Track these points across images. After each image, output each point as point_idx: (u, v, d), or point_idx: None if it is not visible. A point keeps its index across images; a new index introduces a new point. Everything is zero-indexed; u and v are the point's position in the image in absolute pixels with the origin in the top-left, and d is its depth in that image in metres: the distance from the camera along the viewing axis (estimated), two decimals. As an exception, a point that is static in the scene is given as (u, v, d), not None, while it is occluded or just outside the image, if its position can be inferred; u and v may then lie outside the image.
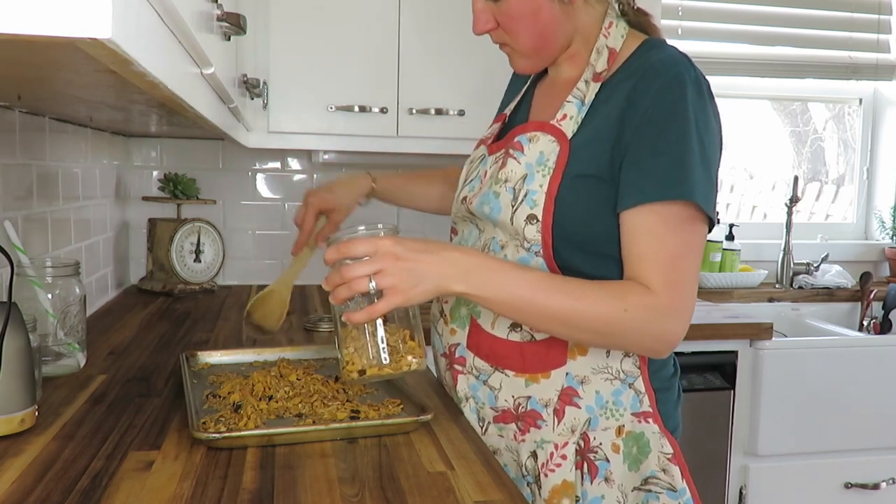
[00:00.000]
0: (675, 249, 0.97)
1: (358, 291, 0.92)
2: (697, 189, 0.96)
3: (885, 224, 2.83)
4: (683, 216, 0.97)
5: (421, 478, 0.88)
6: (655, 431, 1.07)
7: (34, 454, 0.90)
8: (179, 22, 0.63)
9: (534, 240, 1.03)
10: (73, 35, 0.41)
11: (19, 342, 0.95)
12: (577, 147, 1.03)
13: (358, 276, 0.91)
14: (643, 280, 0.97)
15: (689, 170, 0.95)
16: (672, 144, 0.96)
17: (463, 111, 1.97)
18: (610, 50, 1.06)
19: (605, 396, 1.06)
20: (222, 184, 2.27)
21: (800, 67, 2.72)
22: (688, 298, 0.98)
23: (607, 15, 1.08)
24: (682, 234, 0.97)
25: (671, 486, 1.06)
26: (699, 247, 1.00)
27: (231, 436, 0.93)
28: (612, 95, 1.02)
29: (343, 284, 0.92)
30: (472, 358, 1.12)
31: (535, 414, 1.07)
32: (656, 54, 1.03)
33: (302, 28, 1.90)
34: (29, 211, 1.39)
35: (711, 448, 1.99)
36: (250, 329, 1.35)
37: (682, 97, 0.97)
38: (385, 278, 0.91)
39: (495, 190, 1.08)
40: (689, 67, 0.99)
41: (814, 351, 2.04)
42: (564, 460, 1.06)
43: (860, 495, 2.10)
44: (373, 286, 0.91)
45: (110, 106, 1.13)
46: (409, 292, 0.92)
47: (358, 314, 0.93)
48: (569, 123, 1.05)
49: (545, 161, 1.04)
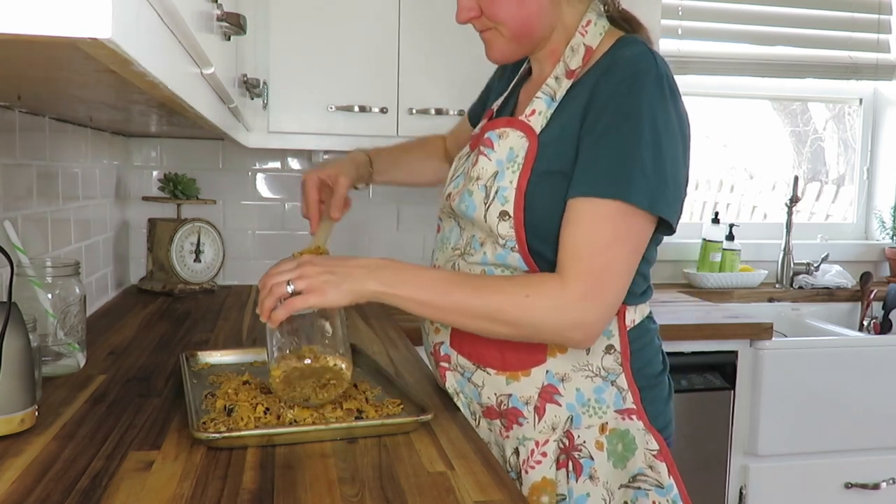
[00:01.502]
0: (598, 240, 0.97)
1: (278, 295, 0.97)
2: (635, 188, 0.95)
3: (885, 224, 2.83)
4: (615, 212, 0.96)
5: (421, 478, 0.88)
6: (640, 428, 1.08)
7: (34, 454, 0.90)
8: (179, 22, 0.63)
9: (507, 236, 1.04)
10: (73, 35, 0.41)
11: (19, 342, 0.95)
12: (546, 143, 1.03)
13: (277, 281, 0.97)
14: (561, 267, 0.98)
15: (631, 168, 0.95)
16: (619, 141, 0.96)
17: (463, 111, 1.96)
18: (586, 48, 1.07)
19: (586, 394, 1.07)
20: (222, 184, 2.27)
21: (800, 67, 2.72)
22: (606, 288, 0.98)
23: (587, 13, 1.09)
24: (610, 227, 0.97)
25: (658, 483, 1.06)
26: (633, 240, 0.99)
27: (231, 436, 0.93)
28: (581, 92, 1.03)
29: (268, 297, 0.98)
30: (455, 356, 1.13)
31: (517, 412, 1.08)
32: (622, 51, 1.03)
33: (302, 28, 1.90)
34: (29, 211, 1.39)
35: (711, 448, 1.99)
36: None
37: (637, 93, 0.96)
38: (301, 281, 0.97)
39: (469, 188, 1.09)
40: (653, 64, 0.99)
41: (814, 351, 2.04)
42: (545, 458, 1.07)
43: (860, 495, 2.10)
44: (290, 289, 0.96)
45: (110, 106, 1.13)
46: (327, 293, 0.97)
47: (278, 310, 0.97)
48: (537, 119, 1.05)
49: (515, 157, 1.05)
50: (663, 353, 1.16)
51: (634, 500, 1.08)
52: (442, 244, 1.17)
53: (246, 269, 2.30)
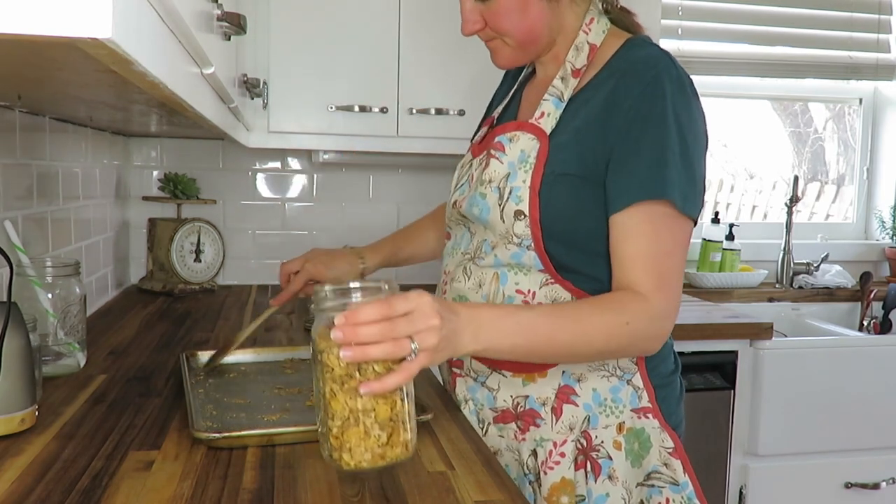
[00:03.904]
0: (663, 247, 0.98)
1: (400, 354, 0.78)
2: (674, 188, 0.97)
3: (885, 224, 2.83)
4: (668, 214, 0.98)
5: (421, 478, 0.88)
6: (656, 427, 1.08)
7: (34, 454, 0.90)
8: (179, 22, 0.63)
9: (524, 235, 1.04)
10: (73, 35, 0.41)
11: (19, 342, 0.95)
12: (558, 146, 1.04)
13: (398, 336, 0.77)
14: (634, 281, 0.98)
15: (667, 168, 0.97)
16: (652, 146, 0.98)
17: (463, 111, 1.97)
18: (590, 46, 1.08)
19: (602, 394, 1.07)
20: (222, 184, 2.27)
21: (800, 67, 2.72)
22: (675, 297, 1.00)
23: (589, 11, 1.10)
24: (668, 231, 0.99)
25: (673, 480, 1.07)
26: (684, 243, 1.01)
27: (231, 436, 0.93)
28: (594, 96, 1.04)
29: (380, 343, 0.77)
30: (468, 360, 1.12)
31: (534, 413, 1.08)
32: (637, 52, 1.04)
33: (302, 28, 1.90)
34: (29, 211, 1.39)
35: (711, 448, 1.99)
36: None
37: (663, 97, 0.98)
38: (428, 339, 0.79)
39: (481, 191, 1.09)
40: (671, 66, 1.00)
41: (814, 351, 2.04)
42: (563, 458, 1.07)
43: (860, 495, 2.10)
44: (414, 347, 0.78)
45: (110, 106, 1.13)
46: (436, 355, 0.82)
47: (396, 376, 0.77)
48: (547, 120, 1.06)
49: (526, 158, 1.05)
50: (675, 352, 1.17)
51: (649, 498, 1.08)
52: (452, 250, 1.17)
53: (246, 269, 2.30)
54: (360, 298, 0.79)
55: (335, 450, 0.78)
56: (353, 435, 0.77)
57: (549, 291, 1.05)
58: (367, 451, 0.77)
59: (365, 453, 0.77)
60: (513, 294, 1.06)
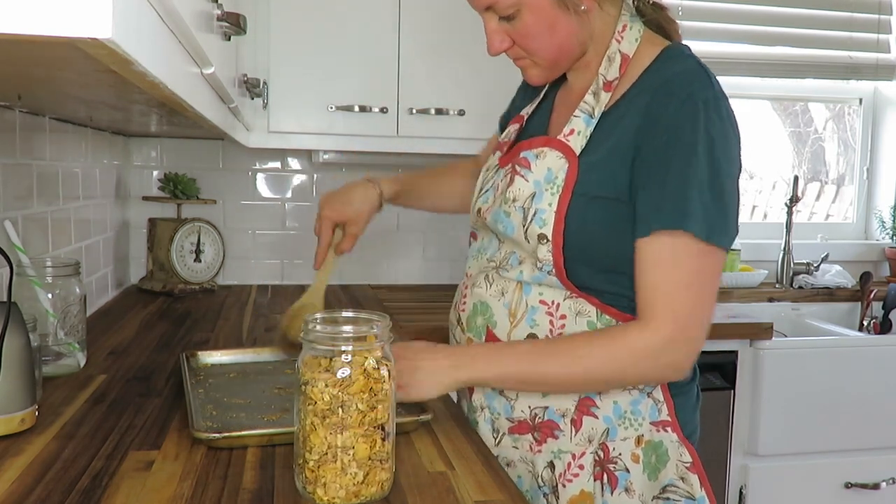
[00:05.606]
0: (682, 279, 0.96)
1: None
2: (697, 218, 0.94)
3: (885, 224, 2.83)
4: (690, 244, 0.95)
5: (421, 478, 0.88)
6: (674, 440, 1.07)
7: (34, 454, 0.90)
8: (179, 22, 0.63)
9: (545, 259, 1.01)
10: (73, 35, 0.41)
11: (19, 342, 0.95)
12: (589, 166, 1.01)
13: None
14: (650, 310, 0.97)
15: (690, 198, 0.94)
16: (679, 173, 0.94)
17: (463, 111, 1.97)
18: (623, 56, 1.03)
19: (623, 406, 1.06)
20: (222, 184, 2.27)
21: (800, 67, 2.72)
22: (694, 328, 0.98)
23: (621, 16, 1.05)
24: (689, 262, 0.96)
25: (690, 495, 1.05)
26: (710, 273, 0.98)
27: (231, 436, 0.93)
28: (628, 112, 1.00)
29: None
30: None
31: (553, 424, 1.06)
32: (672, 67, 1.00)
33: (302, 28, 1.90)
34: (29, 211, 1.39)
35: (711, 448, 1.99)
36: (286, 348, 1.29)
37: (695, 120, 0.94)
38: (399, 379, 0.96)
39: (505, 209, 1.06)
40: (707, 84, 0.97)
41: (814, 351, 2.04)
42: (582, 470, 1.05)
43: (860, 495, 2.10)
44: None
45: (110, 106, 1.13)
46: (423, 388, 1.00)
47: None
48: (577, 139, 1.02)
49: (553, 178, 1.02)
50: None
51: None
52: (478, 254, 1.15)
53: (246, 269, 2.30)
54: (350, 332, 0.80)
55: (310, 483, 0.79)
56: (329, 471, 0.78)
57: (574, 304, 1.03)
58: (342, 488, 0.78)
59: (339, 490, 0.78)
60: (536, 304, 1.04)
